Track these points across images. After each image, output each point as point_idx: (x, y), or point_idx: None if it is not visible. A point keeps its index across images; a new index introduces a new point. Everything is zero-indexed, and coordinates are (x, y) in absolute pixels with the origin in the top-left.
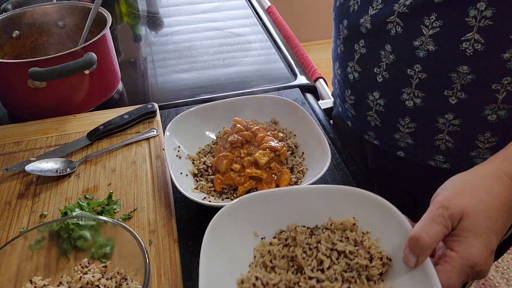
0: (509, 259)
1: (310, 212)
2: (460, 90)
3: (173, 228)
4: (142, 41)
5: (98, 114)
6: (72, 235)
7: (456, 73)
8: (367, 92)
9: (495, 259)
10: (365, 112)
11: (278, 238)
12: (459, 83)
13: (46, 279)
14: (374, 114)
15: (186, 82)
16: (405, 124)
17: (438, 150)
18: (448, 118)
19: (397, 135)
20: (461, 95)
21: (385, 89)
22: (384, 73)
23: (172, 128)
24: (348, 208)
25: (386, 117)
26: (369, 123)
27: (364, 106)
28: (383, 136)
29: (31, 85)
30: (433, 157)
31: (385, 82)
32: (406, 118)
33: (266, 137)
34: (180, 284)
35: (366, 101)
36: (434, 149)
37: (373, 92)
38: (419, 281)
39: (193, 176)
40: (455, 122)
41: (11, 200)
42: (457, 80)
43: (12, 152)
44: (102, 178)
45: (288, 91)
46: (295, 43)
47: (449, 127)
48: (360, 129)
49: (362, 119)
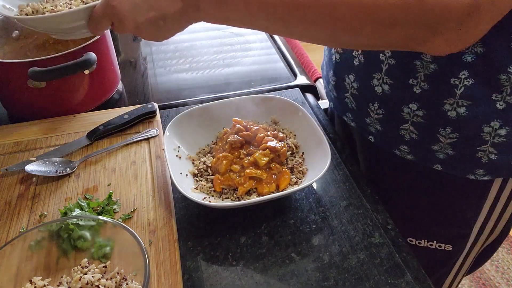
0: (509, 259)
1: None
2: (423, 80)
3: (173, 228)
4: (142, 41)
5: (98, 114)
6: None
7: (421, 61)
8: (345, 74)
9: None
10: (343, 94)
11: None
12: (423, 72)
13: (46, 279)
14: (350, 97)
15: (186, 82)
16: (374, 110)
17: (403, 140)
18: (412, 108)
19: (368, 120)
20: (424, 85)
21: (359, 73)
22: (360, 57)
23: (172, 128)
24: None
25: (359, 101)
26: (346, 104)
27: (343, 88)
28: (357, 119)
29: (30, 85)
30: (399, 146)
31: (360, 65)
32: (375, 103)
33: (266, 137)
34: (180, 284)
35: (343, 83)
36: (399, 138)
37: (349, 74)
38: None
39: (193, 176)
40: (418, 113)
41: (10, 200)
42: (421, 69)
43: (12, 152)
44: (102, 178)
45: (288, 91)
46: (295, 43)
47: (413, 117)
48: (340, 111)
49: (341, 100)
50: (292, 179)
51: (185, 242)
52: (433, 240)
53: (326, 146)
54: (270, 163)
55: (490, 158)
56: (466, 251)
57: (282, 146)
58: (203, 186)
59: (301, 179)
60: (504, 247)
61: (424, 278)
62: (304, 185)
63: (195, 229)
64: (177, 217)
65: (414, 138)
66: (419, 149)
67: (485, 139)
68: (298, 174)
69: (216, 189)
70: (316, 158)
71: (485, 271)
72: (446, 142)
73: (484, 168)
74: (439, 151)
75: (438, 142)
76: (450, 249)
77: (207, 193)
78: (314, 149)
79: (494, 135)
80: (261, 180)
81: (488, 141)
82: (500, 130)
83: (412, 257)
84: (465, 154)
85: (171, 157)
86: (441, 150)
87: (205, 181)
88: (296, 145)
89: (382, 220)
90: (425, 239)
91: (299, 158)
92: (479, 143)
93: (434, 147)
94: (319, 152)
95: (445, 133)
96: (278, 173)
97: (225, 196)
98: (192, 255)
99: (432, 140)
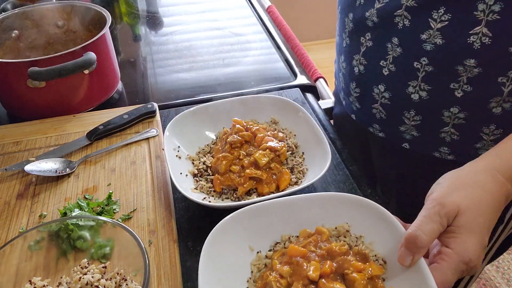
0: (510, 259)
1: (303, 221)
2: (466, 83)
3: (173, 228)
4: (142, 41)
5: (97, 114)
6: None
7: (463, 66)
8: (373, 85)
9: (494, 258)
10: (370, 105)
11: (273, 251)
12: (466, 76)
13: (46, 280)
14: (380, 107)
15: (186, 82)
16: (410, 117)
17: (443, 142)
18: (454, 111)
19: (403, 128)
20: (467, 88)
21: (391, 82)
22: (390, 66)
23: (172, 128)
24: (341, 215)
25: (391, 110)
26: (374, 115)
27: (369, 99)
28: (388, 129)
29: (30, 84)
30: (438, 149)
31: (391, 75)
32: (412, 111)
33: (266, 137)
34: (180, 284)
35: (371, 93)
36: (439, 141)
37: (378, 85)
38: (414, 281)
39: (193, 176)
40: (460, 116)
41: (10, 200)
42: (463, 73)
43: (11, 152)
44: (102, 178)
45: (288, 91)
46: (295, 43)
47: (454, 120)
48: (365, 122)
49: (367, 111)
50: (292, 179)
51: (185, 242)
52: None
53: (326, 146)
54: (270, 163)
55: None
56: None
57: (282, 146)
58: (203, 186)
59: (301, 179)
60: None
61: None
62: (304, 185)
63: (195, 229)
64: (177, 217)
65: (455, 139)
66: (460, 149)
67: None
68: (298, 174)
69: (216, 189)
70: (316, 158)
71: (485, 271)
72: (490, 139)
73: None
74: (482, 148)
75: (482, 140)
76: None
77: (207, 193)
78: (314, 149)
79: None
80: (261, 180)
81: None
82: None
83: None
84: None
85: (171, 157)
86: (484, 147)
87: (205, 181)
88: (296, 145)
89: None
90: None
91: (299, 158)
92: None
93: (477, 145)
94: (319, 152)
95: (489, 130)
96: (278, 173)
97: (225, 196)
98: (192, 255)
99: (475, 139)
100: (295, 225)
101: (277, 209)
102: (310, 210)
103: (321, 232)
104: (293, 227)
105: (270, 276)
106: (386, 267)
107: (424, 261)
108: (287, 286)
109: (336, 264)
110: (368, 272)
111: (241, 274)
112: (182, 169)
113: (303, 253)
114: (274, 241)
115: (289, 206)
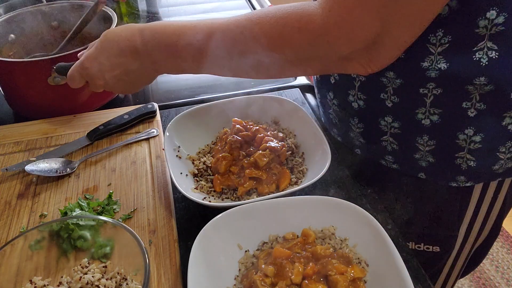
0: (509, 259)
1: (291, 222)
2: (393, 94)
3: (173, 228)
4: None
5: (98, 114)
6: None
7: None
8: (325, 91)
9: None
10: (328, 110)
11: (260, 250)
12: (391, 87)
13: (46, 279)
14: (333, 113)
15: (186, 82)
16: (355, 124)
17: (386, 151)
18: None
19: (352, 134)
20: (395, 99)
21: (336, 90)
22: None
23: (172, 128)
24: (327, 217)
25: (341, 116)
26: (331, 120)
27: (326, 105)
28: (341, 134)
29: (51, 82)
30: (383, 157)
31: (336, 83)
32: (355, 118)
33: (266, 137)
34: (180, 284)
35: (326, 100)
36: (382, 149)
37: (329, 92)
38: (394, 284)
39: (193, 176)
40: (476, 139)
41: (11, 200)
42: (388, 84)
43: (12, 152)
44: (102, 178)
45: (288, 91)
46: None
47: (390, 129)
48: (328, 126)
49: (327, 116)
50: (292, 179)
51: (185, 242)
52: (421, 242)
53: (326, 146)
54: (270, 163)
55: (469, 164)
56: (456, 252)
57: (282, 146)
58: (203, 186)
59: (301, 179)
60: (504, 247)
61: (424, 279)
62: (304, 185)
63: (195, 229)
64: (177, 217)
65: (396, 149)
66: (402, 158)
67: (461, 146)
68: (298, 174)
69: (216, 189)
70: (316, 158)
71: (485, 271)
72: (425, 150)
73: (465, 175)
74: (421, 159)
75: (418, 151)
76: (438, 250)
77: (207, 193)
78: (314, 149)
79: (469, 142)
80: (261, 180)
81: (464, 147)
82: (475, 137)
83: (412, 257)
84: (445, 161)
85: (171, 157)
86: (422, 158)
87: (205, 181)
88: (296, 145)
89: (382, 220)
90: (413, 241)
91: (299, 158)
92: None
93: (416, 156)
94: (319, 152)
95: (423, 141)
96: (278, 173)
97: (225, 196)
98: None
99: (412, 149)
100: (283, 226)
101: (266, 209)
102: (298, 212)
103: (307, 235)
104: (281, 228)
105: (255, 275)
106: (368, 270)
107: (404, 265)
108: (272, 285)
109: (319, 266)
110: (350, 274)
111: (230, 271)
112: (182, 169)
113: (287, 255)
114: (262, 241)
115: (278, 208)
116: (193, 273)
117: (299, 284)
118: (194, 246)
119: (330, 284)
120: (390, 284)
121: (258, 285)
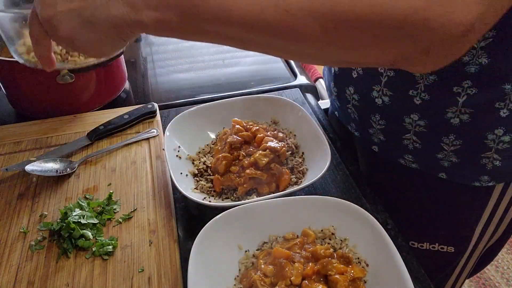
0: (509, 259)
1: (291, 222)
2: (424, 91)
3: (173, 228)
4: (142, 41)
5: (98, 114)
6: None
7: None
8: (345, 86)
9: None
10: (345, 105)
11: (260, 250)
12: (423, 83)
13: None
14: (352, 108)
15: (186, 82)
16: (376, 121)
17: (407, 149)
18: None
19: (371, 130)
20: (425, 96)
21: (358, 85)
22: (358, 69)
23: (172, 128)
24: (327, 218)
25: (361, 112)
26: (349, 115)
27: (344, 99)
28: (360, 130)
29: (60, 80)
30: (403, 156)
31: (359, 78)
32: (377, 115)
33: (266, 137)
34: (180, 284)
35: (344, 94)
36: (403, 148)
37: (349, 86)
38: (394, 284)
39: (193, 176)
40: (505, 139)
41: (11, 200)
42: (420, 80)
43: (12, 152)
44: (102, 178)
45: (288, 91)
46: None
47: (415, 127)
48: (344, 120)
49: (344, 111)
50: (292, 179)
51: (185, 242)
52: (435, 242)
53: (326, 146)
54: (270, 163)
55: (495, 164)
56: (468, 252)
57: (282, 146)
58: (203, 186)
59: (301, 179)
60: (504, 247)
61: (424, 278)
62: (304, 185)
63: (195, 229)
64: (177, 217)
65: (418, 147)
66: (423, 158)
67: (489, 146)
68: (298, 174)
69: (216, 189)
70: (316, 158)
71: (485, 271)
72: (450, 149)
73: (489, 175)
74: (444, 159)
75: (442, 150)
76: (452, 251)
77: (207, 193)
78: (314, 149)
79: (498, 142)
80: (261, 180)
81: (492, 147)
82: (504, 137)
83: (412, 257)
84: (469, 161)
85: (171, 157)
86: (445, 158)
87: (205, 181)
88: (296, 145)
89: (382, 220)
90: (427, 242)
91: (299, 158)
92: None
93: (438, 156)
94: (319, 152)
95: (448, 140)
96: (278, 173)
97: (225, 196)
98: None
99: (435, 149)
100: (283, 226)
101: (266, 209)
102: (298, 212)
103: (307, 234)
104: (281, 228)
105: (255, 274)
106: (368, 270)
107: (404, 265)
108: (271, 285)
109: (319, 266)
110: (350, 274)
111: (230, 271)
112: (182, 169)
113: (287, 255)
114: (262, 241)
115: (278, 208)
116: (193, 273)
117: (299, 284)
118: (194, 246)
119: (330, 284)
120: (390, 284)
121: (257, 285)
